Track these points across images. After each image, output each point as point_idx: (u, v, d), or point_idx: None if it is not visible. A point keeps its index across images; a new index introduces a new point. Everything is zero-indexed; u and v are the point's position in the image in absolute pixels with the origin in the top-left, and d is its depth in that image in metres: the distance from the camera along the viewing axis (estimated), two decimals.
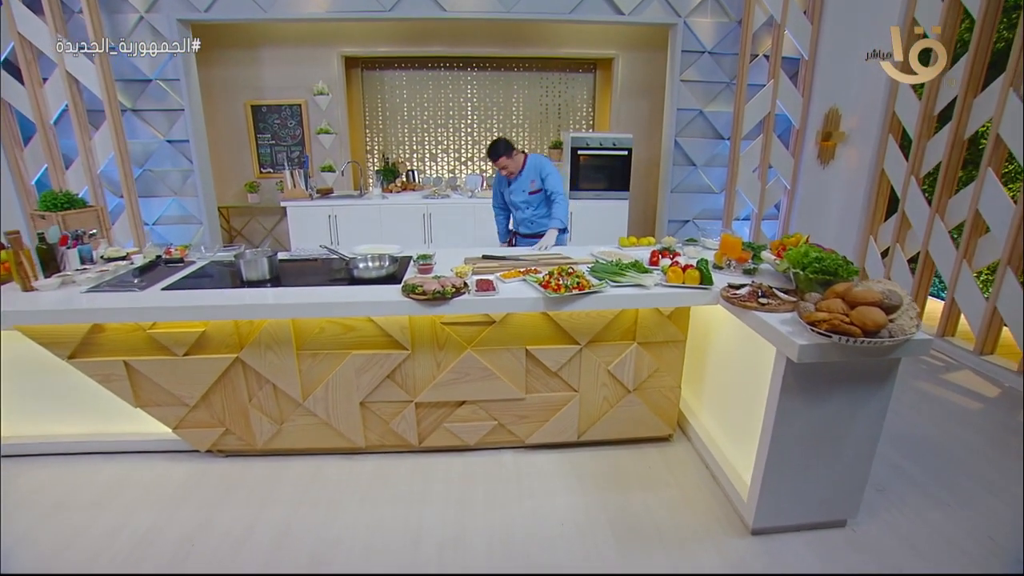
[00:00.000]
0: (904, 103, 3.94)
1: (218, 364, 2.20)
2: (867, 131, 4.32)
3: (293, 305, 2.01)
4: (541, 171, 3.23)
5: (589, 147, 4.48)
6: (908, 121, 3.92)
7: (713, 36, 4.76)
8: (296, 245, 4.53)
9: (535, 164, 3.26)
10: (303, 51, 5.42)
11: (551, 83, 5.99)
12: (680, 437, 2.63)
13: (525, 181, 3.25)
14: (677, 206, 5.23)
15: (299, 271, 2.46)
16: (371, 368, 2.24)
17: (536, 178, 3.24)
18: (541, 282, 2.11)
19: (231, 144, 5.64)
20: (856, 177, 4.48)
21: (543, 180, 3.23)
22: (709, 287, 2.14)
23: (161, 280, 2.27)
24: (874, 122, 4.21)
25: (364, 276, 2.24)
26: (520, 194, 3.29)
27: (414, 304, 2.00)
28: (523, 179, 3.25)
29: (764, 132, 4.71)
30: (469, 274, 2.23)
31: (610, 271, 2.24)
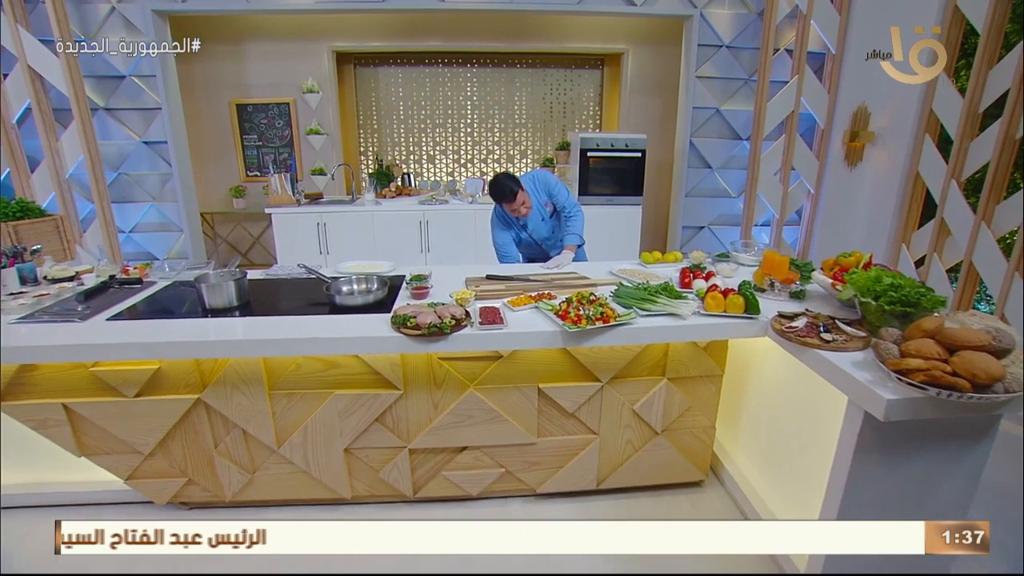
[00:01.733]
0: (944, 100, 3.62)
1: (176, 406, 1.87)
2: (900, 131, 3.99)
3: (259, 342, 1.67)
4: (546, 186, 2.78)
5: (599, 148, 4.15)
6: (948, 119, 3.59)
7: (731, 29, 4.43)
8: (281, 255, 4.19)
9: (537, 182, 2.77)
10: (291, 46, 5.08)
11: (556, 80, 5.66)
12: (712, 482, 2.31)
13: (538, 206, 2.77)
14: (691, 211, 4.90)
15: (273, 295, 2.13)
16: (357, 410, 1.91)
17: (544, 195, 2.78)
18: (557, 311, 1.78)
19: (215, 146, 5.30)
20: (886, 180, 4.16)
21: (551, 195, 2.78)
22: (756, 316, 1.82)
23: (110, 307, 1.94)
24: (908, 121, 3.89)
25: (348, 303, 1.90)
26: (541, 225, 2.81)
27: (406, 340, 1.67)
28: (536, 207, 2.75)
29: (787, 132, 4.38)
30: (471, 301, 1.90)
31: (638, 296, 1.91)
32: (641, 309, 1.86)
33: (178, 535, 1.13)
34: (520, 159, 5.90)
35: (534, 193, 2.74)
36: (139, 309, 1.93)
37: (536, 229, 2.84)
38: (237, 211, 5.28)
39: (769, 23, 4.17)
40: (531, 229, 2.83)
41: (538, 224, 2.82)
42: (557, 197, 2.78)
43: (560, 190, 2.80)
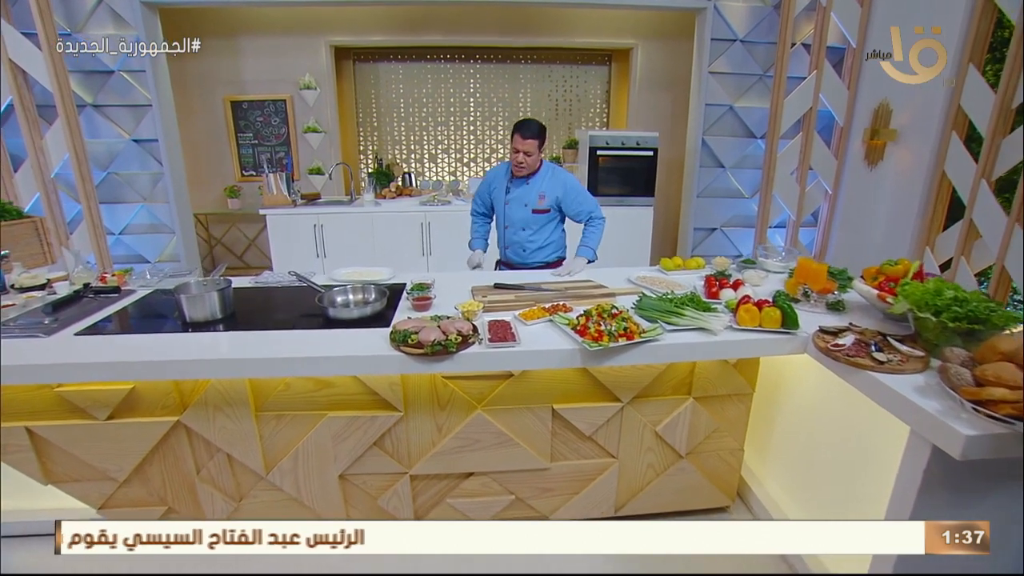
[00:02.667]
0: (973, 95, 3.44)
1: (153, 430, 1.69)
2: (924, 128, 3.81)
3: (243, 361, 1.50)
4: (565, 186, 2.45)
5: (610, 147, 3.96)
6: (979, 116, 3.41)
7: (746, 22, 4.24)
8: (277, 258, 4.01)
9: (555, 175, 2.47)
10: (288, 40, 4.89)
11: (562, 76, 5.47)
12: (739, 506, 2.13)
13: (532, 192, 2.45)
14: (703, 212, 4.72)
15: (261, 306, 1.95)
16: (352, 433, 1.73)
17: (550, 194, 2.45)
18: (575, 326, 1.60)
19: (209, 144, 5.12)
20: (909, 180, 3.97)
21: (563, 197, 2.46)
22: (794, 331, 1.64)
23: (81, 319, 1.76)
24: (933, 118, 3.70)
25: (342, 316, 1.72)
26: (519, 208, 2.48)
27: (407, 360, 1.49)
28: (531, 188, 2.46)
29: (804, 130, 4.20)
30: (479, 313, 1.72)
31: (663, 309, 1.73)
32: (667, 323, 1.68)
33: (276, 535, 1.13)
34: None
35: (542, 179, 2.46)
36: (112, 322, 1.75)
37: (513, 203, 2.49)
38: (232, 212, 5.11)
39: (787, 16, 3.99)
40: (509, 198, 2.50)
41: (518, 206, 2.49)
42: (575, 200, 2.47)
43: (584, 197, 2.50)
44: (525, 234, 2.55)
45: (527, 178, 2.47)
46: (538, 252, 2.59)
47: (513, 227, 2.56)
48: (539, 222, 2.52)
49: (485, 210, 2.69)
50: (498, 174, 2.57)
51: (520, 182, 2.48)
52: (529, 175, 2.46)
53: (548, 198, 2.48)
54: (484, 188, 2.64)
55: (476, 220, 2.74)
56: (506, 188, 2.52)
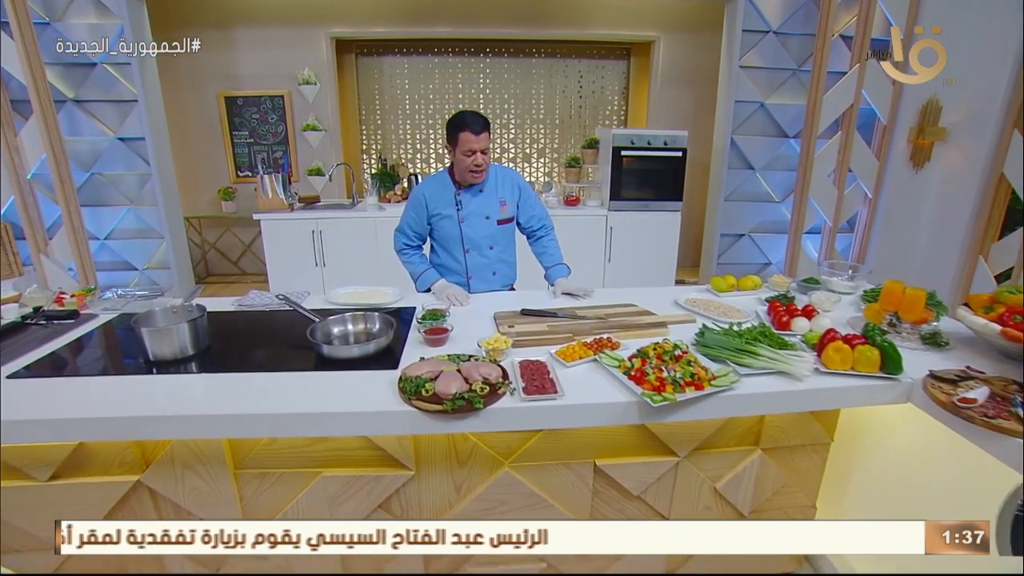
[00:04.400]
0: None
1: (108, 492, 1.39)
2: (978, 126, 3.49)
3: (217, 419, 1.19)
4: (519, 186, 2.07)
5: (635, 146, 3.64)
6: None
7: (781, 12, 3.91)
8: (272, 268, 3.70)
9: (505, 175, 2.06)
10: (286, 32, 4.59)
11: (577, 71, 5.15)
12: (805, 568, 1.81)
13: (491, 199, 2.00)
14: (729, 217, 4.39)
15: (244, 337, 1.64)
16: (353, 495, 1.42)
17: (510, 198, 2.03)
18: (629, 370, 1.29)
19: (201, 143, 4.82)
20: (959, 183, 3.65)
21: (520, 201, 2.06)
22: (897, 376, 1.32)
23: (22, 354, 1.45)
24: (990, 114, 3.38)
25: (340, 356, 1.41)
26: (479, 222, 2.00)
27: (421, 417, 1.18)
28: (487, 195, 2.00)
29: (843, 128, 3.87)
30: (506, 352, 1.41)
31: (732, 347, 1.41)
32: (739, 364, 1.36)
33: (460, 535, 1.10)
34: (537, 159, 5.41)
35: (498, 181, 2.04)
36: (60, 359, 1.44)
37: (471, 218, 2.00)
38: (226, 215, 4.81)
39: (828, 4, 3.66)
40: (465, 213, 1.99)
41: (477, 220, 2.01)
42: (528, 203, 2.09)
43: (535, 198, 2.13)
44: (494, 253, 2.07)
45: (480, 184, 1.99)
46: (507, 271, 2.16)
47: (478, 248, 2.05)
48: (506, 235, 2.09)
49: (420, 241, 2.11)
50: (435, 191, 2.00)
51: (472, 191, 1.99)
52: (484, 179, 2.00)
53: (509, 203, 2.04)
54: (417, 212, 2.03)
55: (410, 255, 2.09)
56: (456, 203, 1.99)
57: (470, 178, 1.93)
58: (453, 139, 1.87)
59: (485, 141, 1.87)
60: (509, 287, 2.19)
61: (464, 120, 1.84)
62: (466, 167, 1.89)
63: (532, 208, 2.11)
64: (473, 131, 1.83)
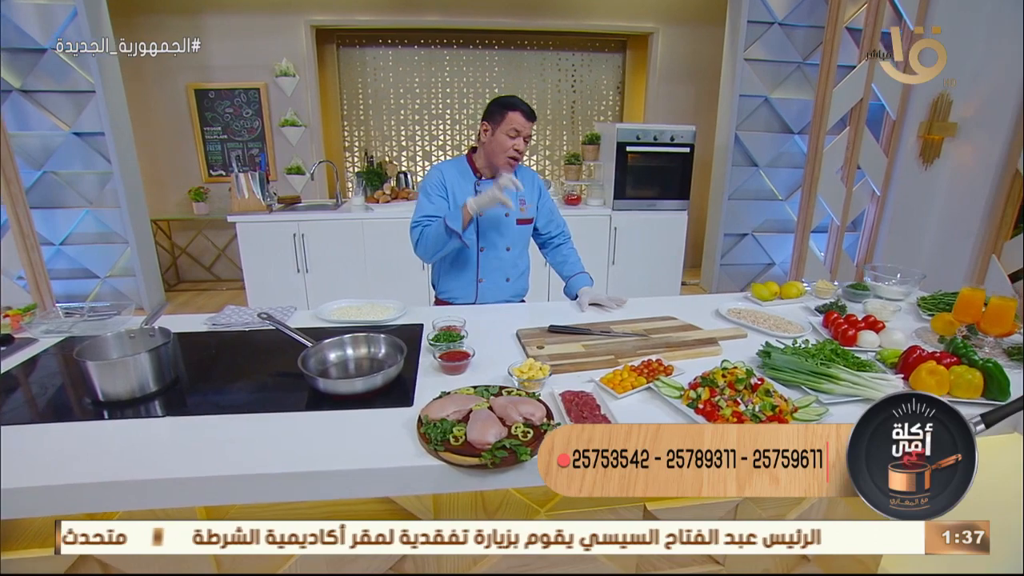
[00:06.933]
0: None
1: (44, 567, 1.10)
2: (991, 121, 3.39)
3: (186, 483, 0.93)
4: (540, 188, 1.89)
5: (641, 142, 3.44)
6: None
7: (786, 2, 3.77)
8: (249, 275, 3.39)
9: (526, 174, 1.86)
10: (261, 20, 4.26)
11: (571, 65, 4.94)
12: None
13: (511, 194, 1.71)
14: (733, 216, 4.23)
15: (219, 363, 1.36)
16: (357, 557, 1.17)
17: (530, 197, 1.84)
18: (694, 402, 1.07)
19: (169, 140, 4.46)
20: (970, 179, 3.55)
21: (540, 204, 1.88)
22: (1003, 402, 1.13)
23: None
24: (1004, 110, 3.28)
25: (341, 391, 1.15)
26: (498, 218, 1.80)
27: (452, 473, 0.94)
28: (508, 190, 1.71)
29: (852, 124, 3.74)
30: (544, 381, 1.17)
31: (805, 369, 1.20)
32: (817, 391, 1.16)
33: (733, 535, 0.90)
34: (529, 156, 5.17)
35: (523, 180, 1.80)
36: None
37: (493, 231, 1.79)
38: (198, 217, 4.45)
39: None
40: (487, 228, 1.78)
41: (499, 224, 1.80)
42: (547, 207, 1.90)
43: (552, 200, 1.94)
44: (509, 256, 1.85)
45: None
46: (520, 280, 1.92)
47: (493, 248, 1.82)
48: (523, 238, 1.88)
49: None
50: (454, 176, 1.77)
51: (493, 184, 1.70)
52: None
53: (528, 203, 1.84)
54: (440, 195, 1.76)
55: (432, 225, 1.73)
56: (475, 193, 1.74)
57: (504, 163, 1.70)
58: (498, 117, 1.67)
59: (530, 129, 1.70)
60: (520, 300, 1.95)
61: (515, 101, 1.69)
62: (506, 149, 1.68)
63: (552, 213, 1.91)
64: (524, 113, 1.67)
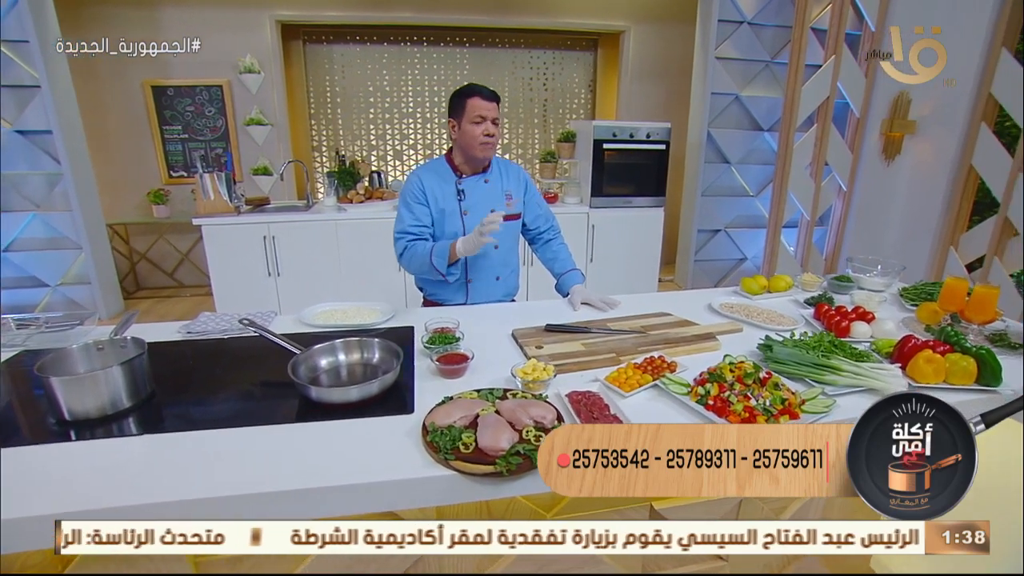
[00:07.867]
0: (1006, 81, 3.17)
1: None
2: (947, 118, 3.53)
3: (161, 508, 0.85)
4: (524, 180, 1.82)
5: (617, 139, 3.44)
6: (1012, 104, 3.14)
7: (755, 2, 3.85)
8: (217, 281, 3.23)
9: (508, 166, 1.81)
10: (224, 13, 4.08)
11: (543, 63, 4.93)
12: None
13: (496, 190, 1.74)
14: (706, 213, 4.30)
15: (197, 380, 1.27)
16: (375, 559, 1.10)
17: (516, 191, 1.78)
18: (704, 399, 1.05)
19: (126, 139, 4.22)
20: (928, 175, 3.71)
21: (527, 198, 1.82)
22: (996, 387, 1.16)
23: None
24: (959, 107, 3.43)
25: (331, 400, 1.08)
26: (484, 215, 1.58)
27: (463, 483, 0.89)
28: (492, 186, 1.74)
29: (819, 122, 3.85)
30: (549, 382, 1.13)
31: (807, 361, 1.21)
32: (821, 383, 1.16)
33: (833, 533, 0.82)
34: (501, 154, 5.13)
35: (504, 173, 1.78)
36: None
37: (475, 208, 1.72)
38: (159, 221, 4.23)
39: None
40: (468, 204, 1.70)
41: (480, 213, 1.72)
42: (535, 201, 1.85)
43: (539, 194, 1.89)
44: (498, 254, 1.77)
45: (484, 172, 1.73)
46: (510, 279, 1.87)
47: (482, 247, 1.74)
48: (511, 235, 1.80)
49: (429, 233, 1.73)
50: (433, 181, 1.69)
51: (476, 180, 1.71)
52: (484, 167, 1.74)
53: (515, 198, 1.78)
54: (418, 203, 1.69)
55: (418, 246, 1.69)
56: (458, 193, 1.69)
57: (479, 151, 1.63)
58: (460, 109, 1.61)
59: (495, 111, 1.62)
60: (511, 299, 1.91)
61: (472, 87, 1.61)
62: (475, 136, 1.60)
63: (539, 207, 1.86)
64: (482, 95, 1.60)
